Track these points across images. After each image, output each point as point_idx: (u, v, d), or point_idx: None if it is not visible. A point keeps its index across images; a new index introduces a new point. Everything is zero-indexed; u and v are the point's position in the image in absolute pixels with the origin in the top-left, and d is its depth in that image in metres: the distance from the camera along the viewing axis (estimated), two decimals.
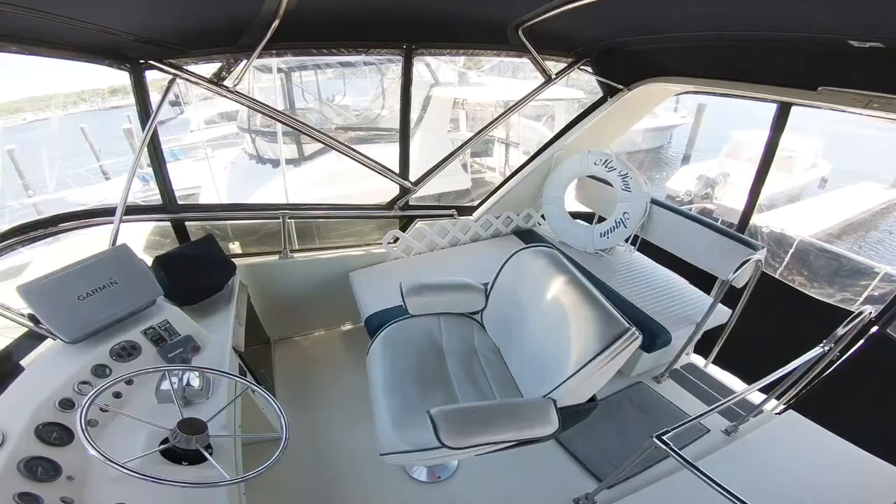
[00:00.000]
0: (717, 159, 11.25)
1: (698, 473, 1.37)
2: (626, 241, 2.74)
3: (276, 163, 6.38)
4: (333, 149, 2.40)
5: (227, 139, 9.18)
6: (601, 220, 2.86)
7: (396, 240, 2.77)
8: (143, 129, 1.91)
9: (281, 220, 2.48)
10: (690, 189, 10.73)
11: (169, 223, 2.28)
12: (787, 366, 1.79)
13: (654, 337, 2.23)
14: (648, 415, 2.36)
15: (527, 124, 9.35)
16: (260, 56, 1.93)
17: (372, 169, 2.49)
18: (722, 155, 11.27)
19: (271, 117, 2.27)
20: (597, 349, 1.33)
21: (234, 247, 3.80)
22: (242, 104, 2.12)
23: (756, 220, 8.39)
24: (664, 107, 15.24)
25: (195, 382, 1.42)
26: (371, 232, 3.20)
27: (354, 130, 7.00)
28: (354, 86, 8.78)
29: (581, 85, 9.09)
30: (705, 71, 2.36)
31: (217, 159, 8.04)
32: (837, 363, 2.58)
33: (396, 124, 2.50)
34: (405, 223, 2.79)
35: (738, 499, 1.24)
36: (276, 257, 2.58)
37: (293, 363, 2.65)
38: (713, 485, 1.32)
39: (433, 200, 2.86)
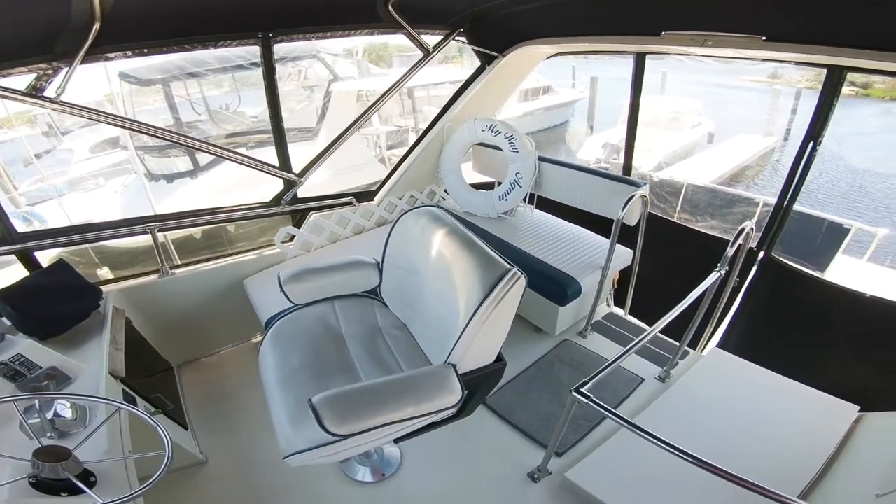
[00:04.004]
0: (617, 127, 12.07)
1: (622, 422, 1.36)
2: (525, 200, 2.79)
3: (170, 178, 5.95)
4: (201, 150, 2.20)
5: (120, 166, 8.41)
6: (500, 185, 2.88)
7: (292, 238, 2.59)
8: None
9: (150, 234, 2.23)
10: (599, 157, 11.43)
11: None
12: (690, 294, 1.85)
13: (564, 288, 2.26)
14: (580, 372, 2.36)
15: None
16: (87, 61, 1.71)
17: (250, 166, 2.35)
18: (620, 122, 12.09)
19: (114, 125, 2.02)
20: (480, 298, 1.28)
21: (104, 272, 3.42)
22: (70, 113, 1.86)
23: (657, 175, 9.13)
24: (563, 84, 16.08)
25: (66, 413, 1.29)
26: (262, 234, 3.00)
27: (250, 135, 6.64)
28: (250, 96, 8.40)
29: None
30: (566, 29, 2.45)
31: (109, 187, 7.42)
32: (741, 294, 2.76)
33: (296, 125, 2.36)
34: (299, 218, 2.62)
35: (665, 443, 1.25)
36: (155, 276, 2.31)
37: (204, 385, 2.42)
38: (640, 433, 1.31)
39: None
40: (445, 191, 3.11)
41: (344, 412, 1.17)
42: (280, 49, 2.20)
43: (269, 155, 2.47)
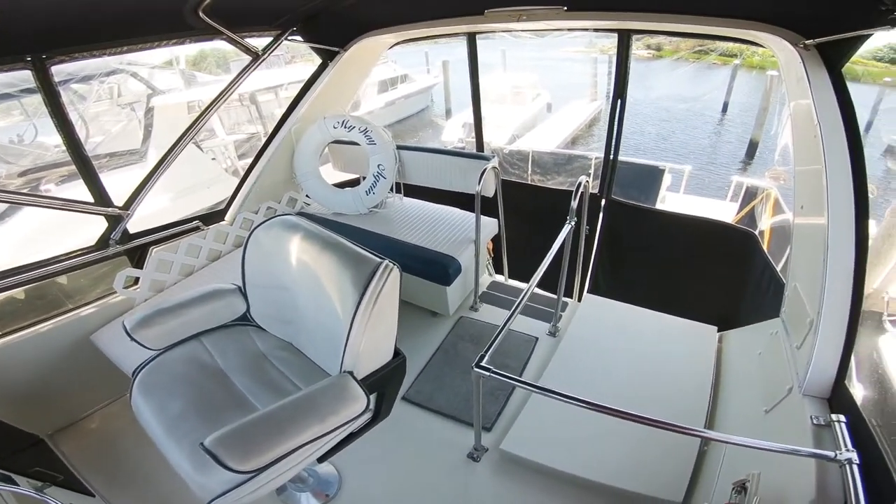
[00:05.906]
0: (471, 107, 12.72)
1: (527, 387, 1.42)
2: (392, 190, 2.80)
3: None
4: None
5: None
6: (365, 180, 2.83)
7: (137, 280, 2.24)
8: None
9: None
10: (461, 136, 11.92)
11: None
12: (551, 249, 2.01)
13: (445, 268, 2.33)
14: (481, 345, 2.38)
15: None
16: None
17: (56, 208, 1.99)
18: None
19: None
20: (356, 299, 1.25)
21: None
22: None
23: (508, 147, 9.97)
24: (419, 70, 16.38)
25: None
26: (98, 283, 2.55)
27: (57, 167, 5.49)
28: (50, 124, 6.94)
29: None
30: (401, 17, 2.47)
31: None
32: (597, 238, 3.11)
33: (118, 148, 1.97)
34: (139, 256, 2.26)
35: (571, 398, 1.33)
36: None
37: (93, 447, 2.07)
38: (546, 393, 1.39)
39: None
40: (307, 196, 2.97)
41: (243, 447, 1.08)
42: (64, 70, 1.84)
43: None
